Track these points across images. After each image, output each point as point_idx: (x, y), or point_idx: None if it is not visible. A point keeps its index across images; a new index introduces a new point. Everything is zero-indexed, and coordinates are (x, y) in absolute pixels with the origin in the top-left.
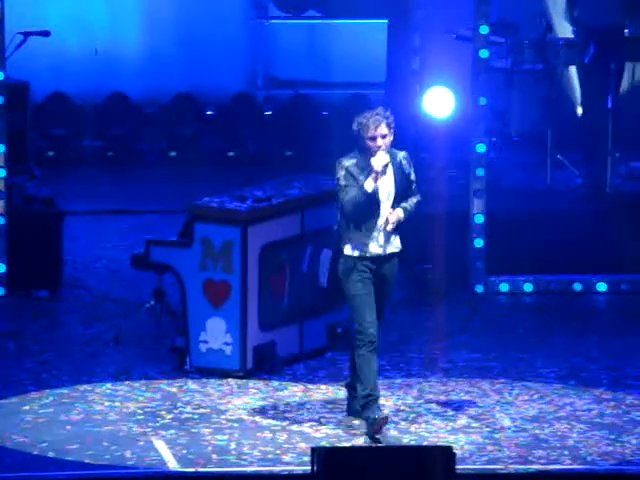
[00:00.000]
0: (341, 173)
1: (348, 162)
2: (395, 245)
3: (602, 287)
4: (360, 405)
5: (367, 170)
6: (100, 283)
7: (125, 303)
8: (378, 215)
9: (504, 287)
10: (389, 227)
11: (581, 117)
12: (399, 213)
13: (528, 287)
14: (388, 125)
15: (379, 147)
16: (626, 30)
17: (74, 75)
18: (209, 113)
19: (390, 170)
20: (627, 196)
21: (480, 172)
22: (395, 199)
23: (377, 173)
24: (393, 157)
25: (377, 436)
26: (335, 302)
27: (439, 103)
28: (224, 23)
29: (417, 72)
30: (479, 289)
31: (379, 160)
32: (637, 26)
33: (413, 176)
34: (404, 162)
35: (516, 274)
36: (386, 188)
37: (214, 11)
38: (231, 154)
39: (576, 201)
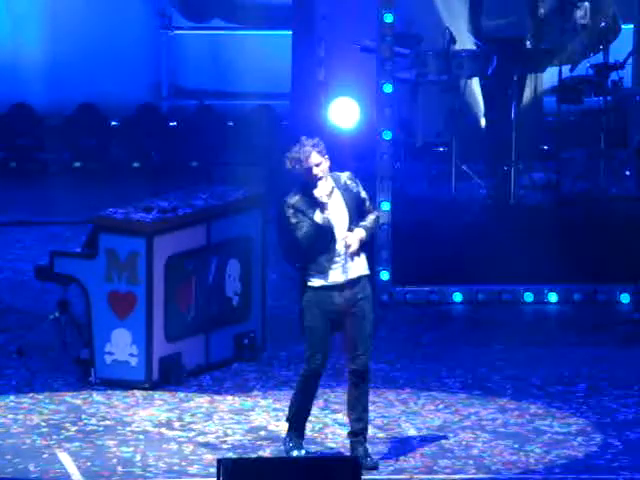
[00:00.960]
0: (289, 212)
1: (293, 199)
2: (360, 268)
3: (506, 297)
4: (289, 424)
5: (313, 202)
6: (4, 294)
7: (29, 314)
8: (334, 242)
9: (409, 297)
10: (352, 249)
11: (485, 128)
12: (358, 234)
13: (433, 297)
14: (319, 152)
15: (317, 176)
16: (527, 42)
17: None
18: (114, 124)
19: (337, 194)
20: (530, 207)
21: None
22: (351, 221)
23: (323, 203)
24: (336, 180)
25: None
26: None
27: (345, 114)
28: (128, 33)
29: (322, 83)
30: (384, 299)
31: (321, 190)
32: (538, 38)
33: (364, 194)
34: (349, 182)
35: (421, 284)
36: (338, 214)
37: (118, 20)
38: (136, 165)
39: (480, 212)
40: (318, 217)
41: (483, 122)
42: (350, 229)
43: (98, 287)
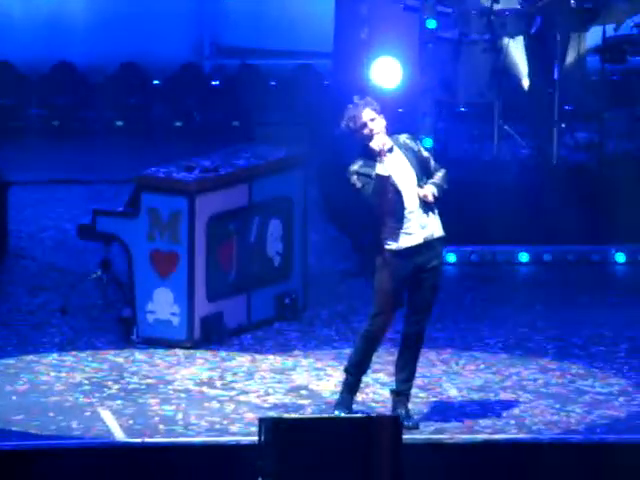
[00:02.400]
0: (353, 179)
1: (355, 166)
2: (433, 231)
3: (547, 257)
4: (345, 374)
5: (374, 163)
6: (46, 253)
7: (71, 273)
8: (403, 204)
9: (451, 257)
10: (428, 199)
11: (528, 88)
12: (430, 188)
13: (475, 257)
14: (373, 109)
15: (373, 130)
16: (572, 1)
17: (19, 44)
18: (156, 82)
19: (398, 153)
20: (573, 167)
21: (428, 142)
22: (419, 180)
23: (382, 153)
24: (395, 141)
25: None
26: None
27: (387, 73)
28: None
29: (365, 42)
30: None
31: (377, 141)
32: None
33: (425, 153)
34: (409, 142)
35: (463, 245)
36: (403, 173)
37: None
38: (178, 124)
39: (523, 172)
40: (380, 169)
41: (526, 82)
42: (420, 186)
43: (140, 246)
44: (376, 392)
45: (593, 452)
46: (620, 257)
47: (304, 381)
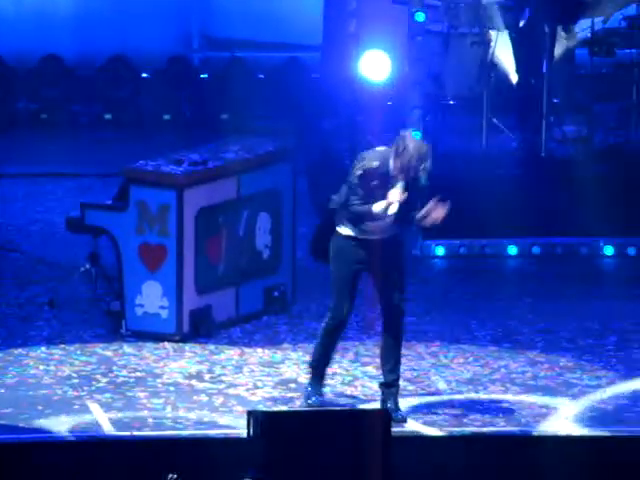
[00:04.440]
0: (357, 171)
1: (370, 163)
2: (394, 230)
3: (536, 250)
4: (311, 370)
5: (382, 184)
6: (35, 246)
7: (60, 266)
8: (380, 199)
9: (439, 251)
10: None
11: (516, 81)
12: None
13: (463, 250)
14: (424, 164)
15: (403, 178)
16: None
17: (7, 36)
18: (144, 75)
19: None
20: (562, 160)
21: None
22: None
23: (389, 205)
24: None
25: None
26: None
27: (376, 66)
28: None
29: (354, 35)
30: (415, 252)
31: (396, 195)
32: None
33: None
34: (422, 174)
35: (451, 238)
36: (399, 193)
37: None
38: (167, 117)
39: (511, 165)
40: (377, 208)
41: (514, 75)
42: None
43: (129, 239)
44: (365, 385)
45: (582, 445)
46: (608, 250)
47: (293, 374)
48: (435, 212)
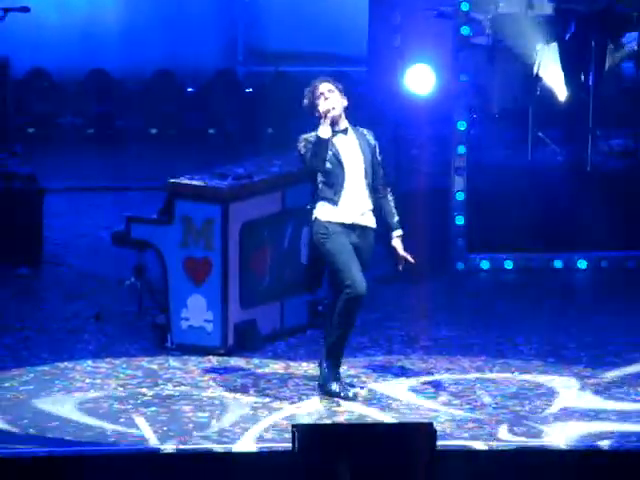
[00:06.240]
0: (300, 145)
1: (306, 135)
2: (368, 220)
3: (583, 264)
4: (326, 352)
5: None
6: (81, 260)
7: (106, 280)
8: (344, 181)
9: (485, 264)
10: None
11: (562, 94)
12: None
13: (509, 264)
14: (334, 85)
15: (329, 106)
16: (607, 8)
17: (54, 51)
18: (190, 90)
19: (354, 139)
20: (608, 174)
21: (461, 149)
22: (365, 174)
23: (326, 116)
24: (356, 130)
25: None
26: (315, 283)
27: (420, 80)
28: None
29: (398, 49)
30: (460, 266)
31: (324, 104)
32: (617, 3)
33: (380, 157)
34: (369, 137)
35: (497, 252)
36: (351, 156)
37: None
38: (212, 131)
39: (557, 179)
40: (322, 132)
41: (560, 88)
42: (367, 182)
43: (174, 253)
44: (410, 399)
45: (629, 460)
46: None
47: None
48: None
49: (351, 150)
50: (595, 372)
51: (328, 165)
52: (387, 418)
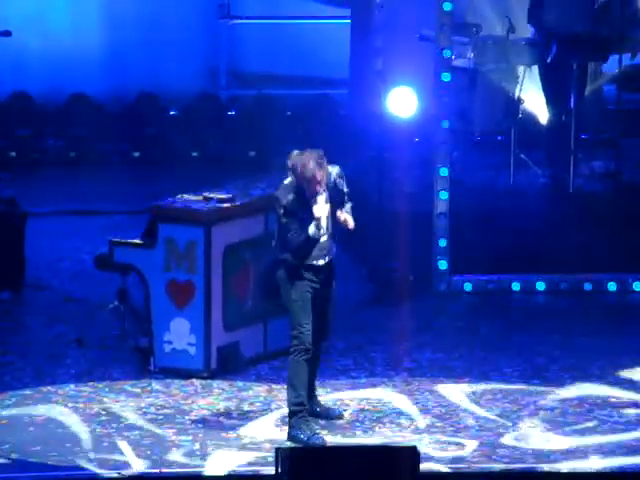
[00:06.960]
0: (280, 211)
1: (285, 200)
2: (333, 255)
3: (564, 286)
4: (290, 412)
5: (303, 203)
6: (63, 284)
7: (88, 303)
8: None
9: (467, 287)
10: (350, 226)
11: (543, 117)
12: (350, 218)
13: (491, 286)
14: (324, 167)
15: (317, 190)
16: (588, 31)
17: (36, 75)
18: (172, 113)
19: (326, 197)
20: (590, 196)
21: (444, 172)
22: (333, 222)
23: (319, 221)
24: (327, 174)
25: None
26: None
27: (402, 103)
28: (187, 22)
29: (380, 72)
30: (442, 288)
31: (320, 210)
32: (598, 27)
33: (346, 189)
34: (338, 180)
35: (479, 274)
36: (324, 209)
37: (177, 10)
38: (195, 154)
39: (539, 201)
40: (312, 231)
41: (542, 111)
42: (333, 230)
43: (157, 276)
44: (393, 422)
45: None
46: (638, 286)
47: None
48: (347, 217)
49: (323, 201)
50: (579, 394)
51: (299, 213)
52: (370, 440)
